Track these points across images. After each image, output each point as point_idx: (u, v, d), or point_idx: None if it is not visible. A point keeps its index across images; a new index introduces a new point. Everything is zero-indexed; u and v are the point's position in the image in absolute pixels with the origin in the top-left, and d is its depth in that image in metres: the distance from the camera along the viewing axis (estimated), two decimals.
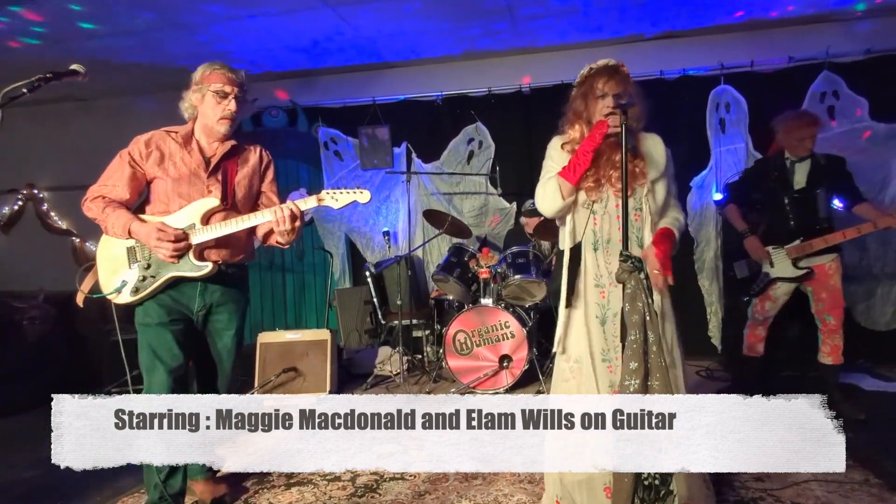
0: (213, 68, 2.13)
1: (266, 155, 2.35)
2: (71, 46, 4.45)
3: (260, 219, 2.06)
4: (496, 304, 3.96)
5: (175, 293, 2.12)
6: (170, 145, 2.17)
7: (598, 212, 1.96)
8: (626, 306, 1.43)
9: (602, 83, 1.94)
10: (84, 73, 1.75)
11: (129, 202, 2.15)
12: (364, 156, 5.36)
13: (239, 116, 2.17)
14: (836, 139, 4.38)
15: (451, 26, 4.50)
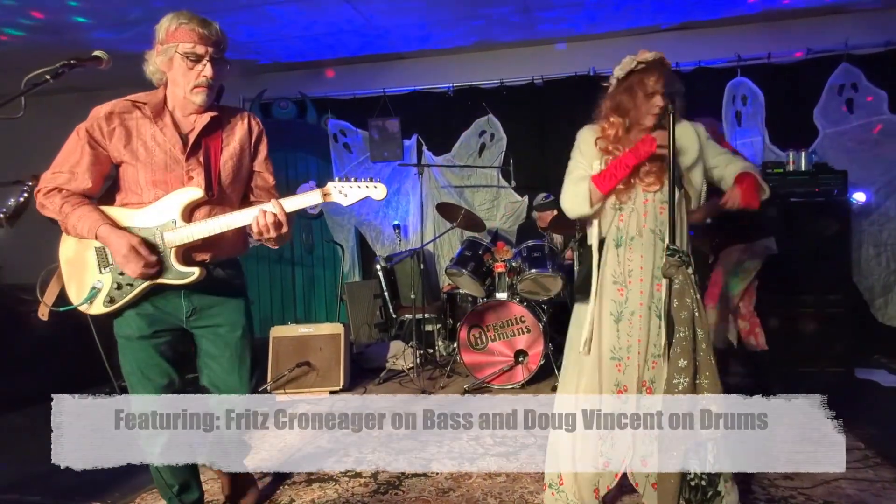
0: (180, 22, 1.67)
1: (256, 123, 1.89)
2: (74, 37, 4.38)
3: (242, 220, 1.69)
4: (511, 298, 3.91)
5: (158, 300, 1.76)
6: (137, 120, 1.73)
7: (625, 208, 1.89)
8: (675, 302, 1.39)
9: (654, 80, 1.83)
10: (107, 59, 1.69)
11: (93, 192, 1.73)
12: (374, 148, 5.30)
13: (217, 82, 1.73)
14: (855, 132, 4.33)
15: (463, 17, 4.43)
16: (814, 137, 4.42)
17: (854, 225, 4.19)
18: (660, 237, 1.83)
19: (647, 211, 1.86)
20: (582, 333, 1.87)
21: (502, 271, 3.98)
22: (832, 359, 3.83)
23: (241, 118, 1.88)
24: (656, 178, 1.85)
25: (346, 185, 1.70)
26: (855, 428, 2.80)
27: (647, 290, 1.84)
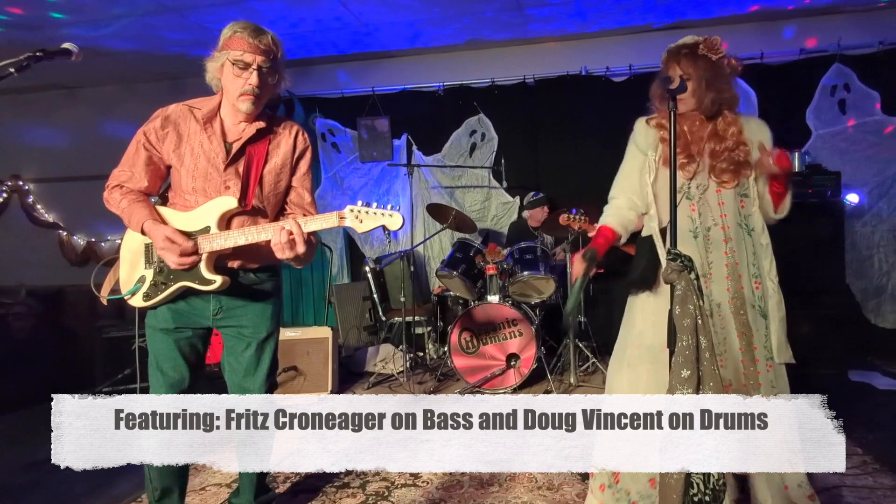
0: (235, 31, 1.73)
1: (303, 139, 1.92)
2: (55, 33, 4.25)
3: (266, 234, 1.72)
4: (503, 301, 3.84)
5: (189, 299, 1.85)
6: (189, 126, 1.82)
7: (694, 197, 1.83)
8: (677, 309, 1.32)
9: (667, 67, 1.83)
10: (77, 52, 1.59)
11: (151, 190, 1.87)
12: (363, 148, 5.22)
13: (265, 92, 1.77)
14: (848, 133, 4.31)
15: (454, 15, 4.36)
16: (806, 138, 4.40)
17: (847, 226, 4.17)
18: (747, 231, 1.81)
19: (723, 201, 1.81)
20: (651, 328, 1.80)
21: (494, 273, 3.91)
22: (826, 361, 3.80)
23: (290, 132, 1.90)
24: (734, 175, 1.80)
25: (364, 210, 1.68)
26: (852, 432, 2.76)
27: (748, 286, 1.79)
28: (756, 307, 1.82)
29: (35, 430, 3.25)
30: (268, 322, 1.93)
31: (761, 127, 1.89)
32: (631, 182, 1.91)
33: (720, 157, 1.80)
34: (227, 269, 1.83)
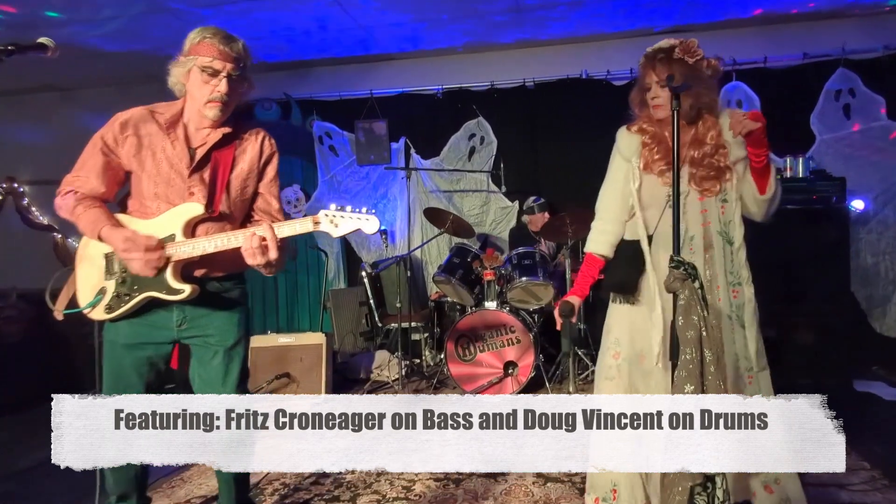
0: (204, 36, 1.66)
1: (269, 145, 1.86)
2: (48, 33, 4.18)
3: (236, 241, 1.65)
4: (500, 307, 3.77)
5: (152, 312, 1.76)
6: (151, 130, 1.74)
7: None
8: (680, 320, 1.25)
9: (643, 73, 1.79)
10: (53, 48, 1.52)
11: (107, 196, 1.76)
12: (360, 151, 5.15)
13: (233, 100, 1.72)
14: (853, 138, 4.25)
15: (453, 17, 4.31)
16: (810, 143, 4.33)
17: (852, 233, 4.09)
18: (727, 239, 1.75)
19: (706, 209, 1.77)
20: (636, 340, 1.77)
21: (492, 279, 3.84)
22: (830, 371, 3.72)
23: (256, 137, 1.85)
24: (715, 181, 1.75)
25: (339, 215, 1.63)
26: (858, 445, 2.68)
27: (724, 297, 1.74)
28: (733, 318, 1.77)
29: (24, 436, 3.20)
30: (235, 329, 1.84)
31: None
32: (615, 196, 1.88)
33: (700, 165, 1.76)
34: (193, 277, 1.75)
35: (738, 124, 1.61)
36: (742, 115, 1.64)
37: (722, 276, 1.76)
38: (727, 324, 1.75)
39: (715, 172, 1.74)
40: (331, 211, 1.63)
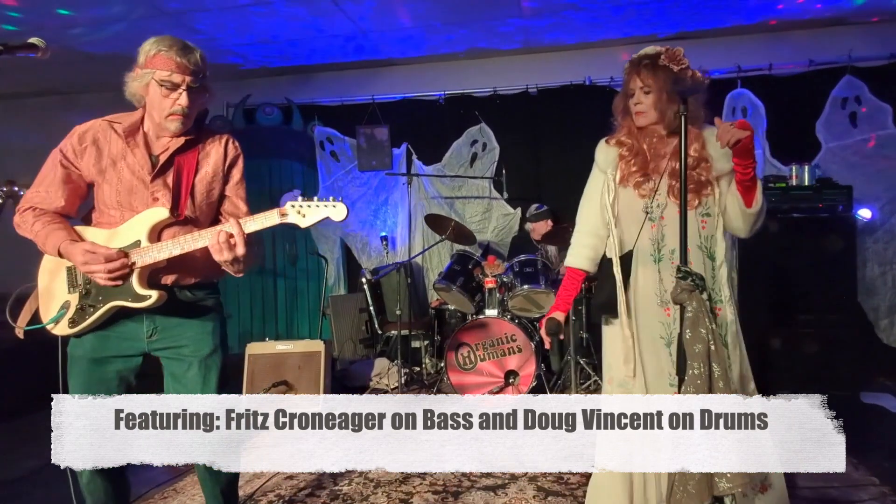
0: (160, 49, 1.63)
1: (233, 147, 1.83)
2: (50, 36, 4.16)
3: (203, 241, 1.62)
4: (502, 315, 3.72)
5: (120, 321, 1.71)
6: (110, 139, 1.71)
7: (655, 217, 1.74)
8: (687, 333, 1.20)
9: (627, 79, 1.78)
10: (44, 48, 1.49)
11: (67, 210, 1.73)
12: (362, 157, 5.12)
13: (195, 110, 1.70)
14: (859, 146, 4.20)
15: (455, 23, 4.28)
16: (816, 151, 4.28)
17: (859, 242, 4.03)
18: (707, 255, 1.71)
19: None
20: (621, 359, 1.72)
21: (493, 287, 3.79)
22: (836, 382, 3.66)
23: (220, 141, 1.82)
24: (694, 195, 1.71)
25: (305, 205, 1.61)
26: (867, 460, 2.62)
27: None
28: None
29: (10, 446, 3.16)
30: (209, 338, 1.78)
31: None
32: (593, 209, 1.86)
33: (672, 174, 1.72)
34: (162, 285, 1.71)
35: (726, 133, 1.57)
36: (729, 124, 1.60)
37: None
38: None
39: (694, 185, 1.70)
40: (297, 202, 1.60)
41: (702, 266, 1.72)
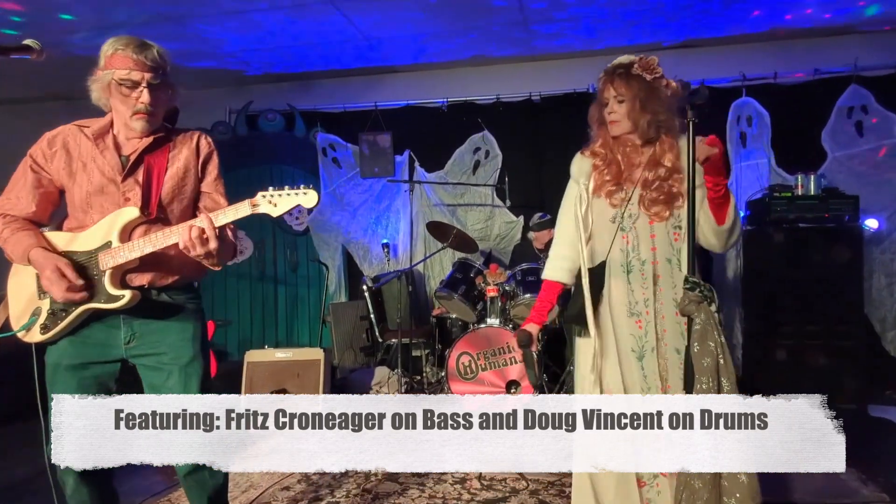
0: (116, 48, 1.61)
1: (206, 143, 1.81)
2: (51, 40, 4.18)
3: (174, 237, 1.59)
4: (504, 324, 3.68)
5: (94, 328, 1.68)
6: (80, 142, 1.70)
7: (626, 227, 1.73)
8: (696, 346, 1.16)
9: (601, 88, 1.78)
10: (38, 49, 1.47)
11: (38, 217, 1.71)
12: (364, 163, 5.10)
13: (159, 108, 1.68)
14: (865, 156, 4.16)
15: (459, 30, 4.27)
16: (822, 160, 4.24)
17: (866, 253, 3.98)
18: (677, 267, 1.68)
19: (654, 234, 1.71)
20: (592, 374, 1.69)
21: (495, 295, 3.75)
22: (843, 395, 3.60)
23: (191, 138, 1.80)
24: (664, 206, 1.70)
25: (276, 193, 1.59)
26: (876, 475, 2.56)
27: (671, 329, 1.66)
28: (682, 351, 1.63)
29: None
30: (189, 345, 1.73)
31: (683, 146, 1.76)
32: (570, 221, 1.83)
33: (651, 187, 1.70)
34: (137, 287, 1.68)
35: (697, 150, 1.54)
36: (700, 139, 1.57)
37: (670, 303, 1.68)
38: (675, 358, 1.65)
39: (665, 197, 1.69)
40: (268, 192, 1.60)
41: (671, 278, 1.70)
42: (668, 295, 1.68)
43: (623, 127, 1.72)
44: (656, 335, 1.67)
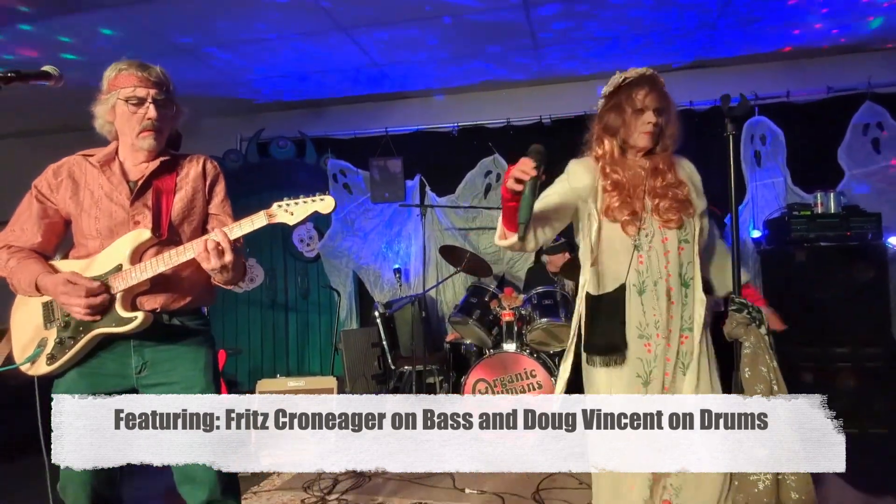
0: (120, 69, 1.66)
1: (212, 166, 1.83)
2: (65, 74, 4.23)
3: (189, 253, 1.58)
4: (520, 350, 3.59)
5: (103, 358, 1.65)
6: (86, 171, 1.70)
7: (643, 247, 1.67)
8: (746, 372, 1.10)
9: (643, 95, 1.70)
10: (57, 76, 1.47)
11: (44, 248, 1.70)
12: (375, 189, 5.09)
13: (165, 125, 1.70)
14: (885, 173, 4.10)
15: (468, 56, 4.29)
16: (838, 178, 4.18)
17: (892, 271, 3.89)
18: (682, 282, 1.64)
19: (668, 250, 1.66)
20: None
21: (511, 320, 3.67)
22: (874, 418, 3.48)
23: (197, 161, 1.82)
24: (677, 212, 1.67)
25: (292, 202, 1.59)
26: None
27: (675, 345, 1.61)
28: (679, 365, 1.62)
29: None
30: (202, 375, 1.69)
31: (693, 169, 1.81)
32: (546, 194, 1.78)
33: (664, 196, 1.68)
34: (150, 311, 1.65)
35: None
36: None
37: (678, 320, 1.63)
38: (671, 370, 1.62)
39: (678, 204, 1.67)
40: (284, 201, 1.59)
41: (679, 294, 1.65)
42: (676, 311, 1.64)
43: (655, 139, 1.70)
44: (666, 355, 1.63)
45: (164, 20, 3.60)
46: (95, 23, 3.56)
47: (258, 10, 3.49)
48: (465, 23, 3.73)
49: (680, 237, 1.67)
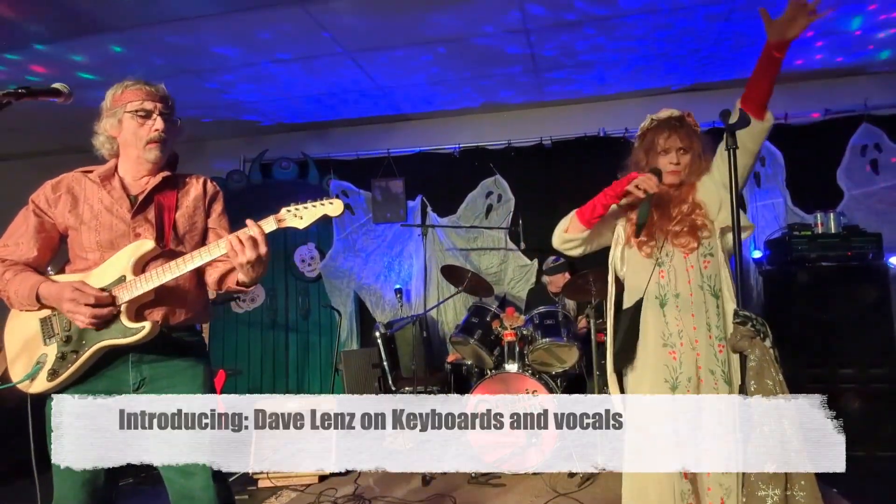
0: (126, 86, 1.70)
1: (212, 186, 1.86)
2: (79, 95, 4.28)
3: (208, 255, 1.57)
4: (522, 370, 3.56)
5: (101, 373, 1.62)
6: (85, 186, 1.70)
7: (664, 263, 1.80)
8: (752, 385, 1.09)
9: (664, 139, 1.87)
10: (67, 93, 1.48)
11: (39, 262, 1.69)
12: (377, 209, 5.11)
13: (170, 139, 1.72)
14: (883, 194, 4.12)
15: (470, 78, 4.35)
16: (838, 199, 4.21)
17: (894, 291, 3.88)
18: (711, 293, 1.73)
19: (691, 265, 1.77)
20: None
21: (512, 340, 3.65)
22: (881, 442, 3.43)
23: (197, 179, 1.86)
24: (691, 238, 1.78)
25: (301, 206, 1.61)
26: None
27: (705, 352, 1.69)
28: (717, 373, 1.71)
29: None
30: (199, 392, 1.69)
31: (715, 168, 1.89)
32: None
33: (675, 222, 1.81)
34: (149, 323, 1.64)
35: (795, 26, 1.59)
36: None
37: (704, 329, 1.72)
38: (710, 378, 1.69)
39: (689, 229, 1.78)
40: (292, 206, 1.61)
41: (703, 304, 1.74)
42: (700, 320, 1.73)
43: (681, 177, 1.83)
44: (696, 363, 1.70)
45: (172, 47, 3.66)
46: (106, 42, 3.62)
47: (262, 34, 3.55)
48: (467, 47, 3.80)
49: (702, 252, 1.77)
